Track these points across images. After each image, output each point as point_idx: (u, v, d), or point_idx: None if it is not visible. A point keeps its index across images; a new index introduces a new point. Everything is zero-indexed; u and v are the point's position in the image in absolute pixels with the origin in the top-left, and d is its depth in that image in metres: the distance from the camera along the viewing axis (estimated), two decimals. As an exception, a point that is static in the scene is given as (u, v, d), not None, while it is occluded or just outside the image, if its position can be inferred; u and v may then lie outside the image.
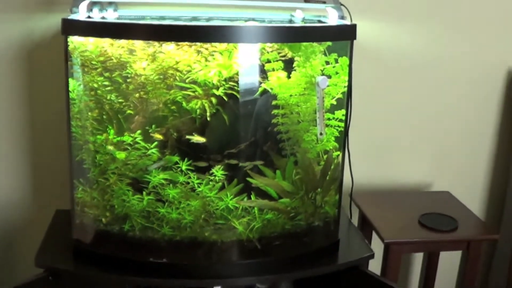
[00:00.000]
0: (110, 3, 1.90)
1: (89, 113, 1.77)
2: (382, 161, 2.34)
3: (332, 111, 1.83)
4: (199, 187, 1.72)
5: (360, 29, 1.77)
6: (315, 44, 1.75)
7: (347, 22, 1.87)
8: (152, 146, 1.72)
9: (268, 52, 1.73)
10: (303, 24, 1.82)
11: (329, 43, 1.79)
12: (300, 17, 1.98)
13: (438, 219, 2.05)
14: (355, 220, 2.25)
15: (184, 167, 1.72)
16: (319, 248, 1.87)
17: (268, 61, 1.72)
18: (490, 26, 2.25)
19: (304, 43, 1.74)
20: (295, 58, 1.76)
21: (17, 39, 2.01)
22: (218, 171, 1.73)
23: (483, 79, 2.30)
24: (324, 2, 1.88)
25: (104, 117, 1.76)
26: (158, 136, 1.76)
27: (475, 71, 2.28)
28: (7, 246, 2.18)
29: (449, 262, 2.39)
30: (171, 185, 1.73)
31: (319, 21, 1.96)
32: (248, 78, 1.75)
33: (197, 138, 1.76)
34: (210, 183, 1.73)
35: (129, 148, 1.74)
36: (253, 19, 1.97)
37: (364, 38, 2.15)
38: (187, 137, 1.75)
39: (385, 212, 2.11)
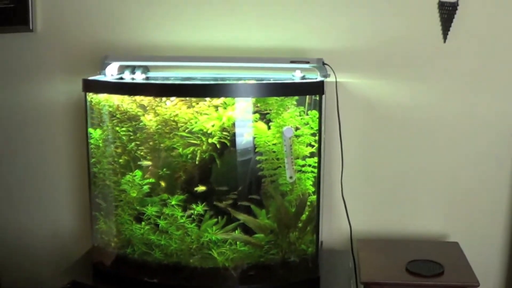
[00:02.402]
0: (139, 67, 2.31)
1: (110, 158, 2.17)
2: (396, 211, 2.45)
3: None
4: (181, 218, 2.03)
5: (368, 84, 2.17)
6: (287, 98, 2.02)
7: (329, 79, 2.10)
8: (144, 183, 2.07)
9: (257, 106, 2.03)
10: (275, 82, 2.09)
11: (317, 97, 2.05)
12: (299, 76, 2.23)
13: (425, 265, 2.13)
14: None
15: (173, 202, 2.05)
16: (297, 282, 2.07)
17: (252, 113, 2.02)
18: (502, 80, 2.32)
19: (275, 98, 2.01)
20: (271, 112, 2.04)
21: (77, 94, 2.47)
22: (198, 207, 2.03)
23: (495, 134, 2.35)
24: (308, 62, 2.13)
25: (120, 160, 2.16)
26: (162, 184, 2.11)
27: (486, 126, 2.34)
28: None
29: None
30: (161, 217, 2.06)
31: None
32: (239, 129, 2.05)
33: (201, 188, 2.08)
34: (191, 214, 2.03)
35: (129, 184, 2.11)
36: (262, 79, 2.26)
37: (374, 93, 2.36)
38: (195, 189, 2.08)
39: (376, 257, 2.23)
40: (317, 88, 2.03)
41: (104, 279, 2.15)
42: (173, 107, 2.07)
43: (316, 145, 2.06)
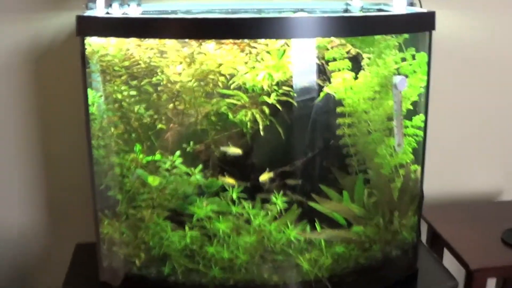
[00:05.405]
0: (134, -4, 1.56)
1: (113, 130, 1.46)
2: (450, 169, 2.03)
3: (409, 117, 1.51)
4: (255, 218, 1.40)
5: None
6: (388, 37, 1.43)
7: (419, 9, 1.55)
8: (196, 171, 1.40)
9: (329, 49, 1.41)
10: (371, 14, 1.49)
11: (406, 35, 1.47)
12: (358, 6, 1.66)
13: (527, 237, 1.74)
14: (423, 239, 1.92)
15: (235, 195, 1.40)
16: (396, 281, 1.56)
17: (333, 60, 1.41)
18: None
19: (377, 37, 1.42)
20: (364, 55, 1.44)
21: (24, 42, 1.68)
22: (278, 198, 1.41)
23: None
24: (391, -15, 1.55)
25: (133, 134, 1.45)
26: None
27: None
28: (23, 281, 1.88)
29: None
30: (219, 217, 1.41)
31: (379, 10, 1.64)
32: (306, 81, 1.43)
33: (233, 150, 1.45)
34: (268, 212, 1.41)
35: (166, 173, 1.41)
36: (302, 10, 1.65)
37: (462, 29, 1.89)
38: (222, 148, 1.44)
39: (460, 229, 1.79)
40: (427, 22, 1.46)
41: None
42: (216, 54, 1.40)
43: (419, 100, 1.51)
